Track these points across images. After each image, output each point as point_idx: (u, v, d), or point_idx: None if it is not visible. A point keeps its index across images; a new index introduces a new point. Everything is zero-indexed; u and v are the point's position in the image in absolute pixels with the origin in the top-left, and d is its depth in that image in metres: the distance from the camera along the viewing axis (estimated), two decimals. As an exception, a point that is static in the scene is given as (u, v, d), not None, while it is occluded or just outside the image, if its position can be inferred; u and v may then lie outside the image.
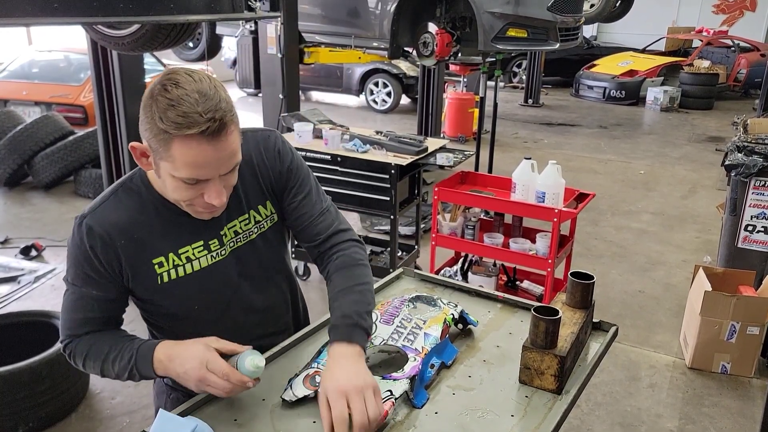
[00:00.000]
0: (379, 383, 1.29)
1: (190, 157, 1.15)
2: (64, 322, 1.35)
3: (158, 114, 1.12)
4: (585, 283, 1.53)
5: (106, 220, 1.29)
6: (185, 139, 1.13)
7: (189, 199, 1.24)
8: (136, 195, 1.33)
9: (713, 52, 13.23)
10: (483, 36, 5.17)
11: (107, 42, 3.35)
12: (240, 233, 1.39)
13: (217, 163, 1.18)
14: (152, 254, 1.31)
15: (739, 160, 3.76)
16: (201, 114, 1.12)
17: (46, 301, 4.12)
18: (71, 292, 1.33)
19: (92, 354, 1.32)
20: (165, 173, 1.20)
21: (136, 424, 3.01)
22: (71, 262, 1.31)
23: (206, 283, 1.37)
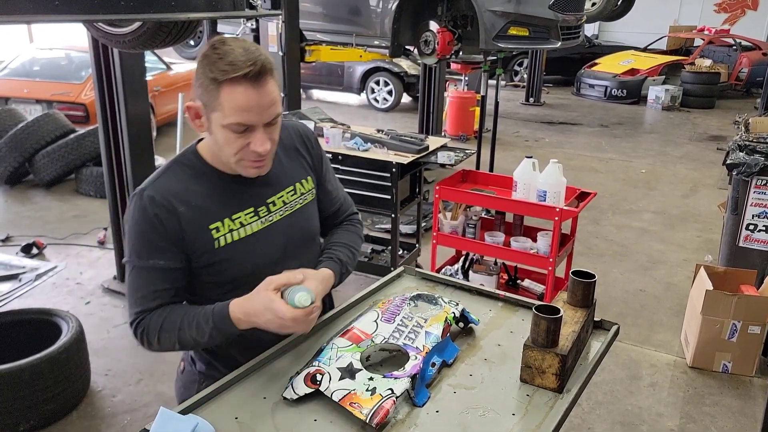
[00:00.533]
0: (381, 382, 1.29)
1: (237, 101, 1.29)
2: (133, 301, 1.41)
3: (208, 67, 1.30)
4: (586, 282, 1.53)
5: (166, 190, 1.40)
6: (232, 84, 1.28)
7: (238, 151, 1.36)
8: (189, 168, 1.45)
9: (715, 51, 13.21)
10: (484, 34, 5.16)
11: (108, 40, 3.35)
12: (286, 203, 1.53)
13: (260, 109, 1.32)
14: (209, 220, 1.42)
15: (740, 159, 3.76)
16: (244, 61, 1.28)
17: (47, 299, 4.13)
18: (137, 270, 1.40)
19: (166, 326, 1.38)
20: (216, 126, 1.34)
21: (137, 422, 3.02)
22: (134, 237, 1.39)
23: (257, 247, 1.47)
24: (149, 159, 4.20)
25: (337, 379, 1.30)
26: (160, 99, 8.11)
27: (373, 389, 1.27)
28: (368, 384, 1.28)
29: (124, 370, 3.44)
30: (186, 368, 1.63)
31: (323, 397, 1.28)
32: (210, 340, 1.37)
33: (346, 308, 1.67)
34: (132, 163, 4.02)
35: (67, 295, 4.23)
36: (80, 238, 5.17)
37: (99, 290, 4.31)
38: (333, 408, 1.27)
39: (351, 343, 1.41)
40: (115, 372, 3.42)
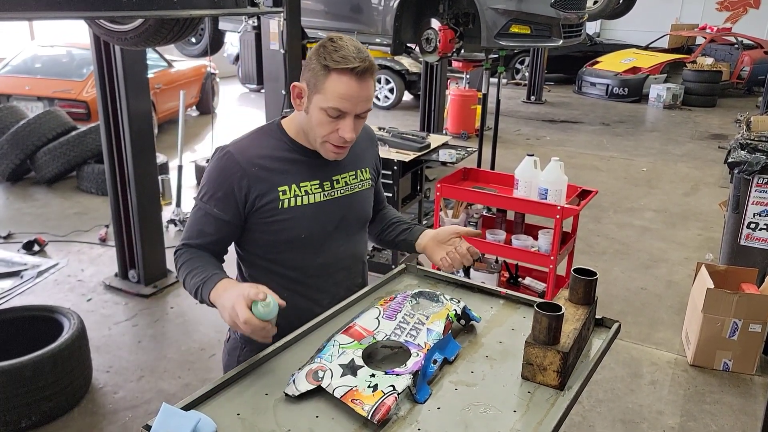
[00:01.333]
0: (382, 378, 1.29)
1: (340, 89, 1.46)
2: (185, 231, 1.63)
3: (323, 55, 1.46)
4: (588, 280, 1.53)
5: (246, 151, 1.58)
6: (340, 73, 1.46)
7: (327, 133, 1.53)
8: (271, 137, 1.63)
9: (716, 50, 13.19)
10: (486, 32, 5.16)
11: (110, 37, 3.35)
12: (349, 184, 1.70)
13: (357, 100, 1.49)
14: (279, 183, 1.58)
15: (742, 157, 3.75)
16: (355, 57, 1.46)
17: (49, 296, 4.13)
18: (197, 209, 1.61)
19: (186, 264, 1.58)
20: (315, 107, 1.51)
21: (138, 419, 3.02)
22: (206, 182, 1.59)
23: (316, 216, 1.63)
24: (150, 156, 4.20)
25: (338, 376, 1.30)
26: (161, 96, 8.11)
27: (375, 386, 1.27)
28: (370, 381, 1.28)
29: (126, 367, 3.45)
30: (231, 336, 1.77)
31: (325, 394, 1.29)
32: (195, 295, 1.53)
33: (347, 305, 1.67)
34: (133, 160, 4.02)
35: (69, 292, 4.24)
36: (81, 236, 5.17)
37: (100, 287, 4.32)
38: (335, 404, 1.27)
39: (353, 340, 1.42)
40: (117, 369, 3.43)
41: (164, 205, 5.35)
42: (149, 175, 4.20)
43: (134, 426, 2.99)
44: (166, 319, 3.95)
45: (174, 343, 3.69)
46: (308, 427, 1.22)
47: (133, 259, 4.26)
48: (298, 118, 1.61)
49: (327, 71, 1.47)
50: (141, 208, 4.13)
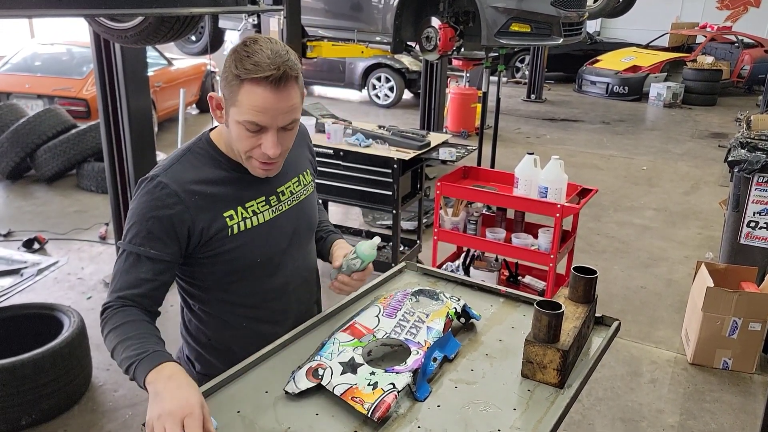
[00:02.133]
0: (382, 376, 1.29)
1: (254, 101, 1.31)
2: (114, 284, 1.39)
3: (235, 63, 1.31)
4: (588, 278, 1.54)
5: (180, 178, 1.40)
6: (252, 83, 1.30)
7: (249, 149, 1.38)
8: (203, 156, 1.46)
9: (717, 48, 13.18)
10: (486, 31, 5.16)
11: (110, 35, 3.35)
12: (294, 193, 1.58)
13: (275, 112, 1.33)
14: (223, 208, 1.43)
15: (742, 156, 3.75)
16: (269, 64, 1.29)
17: (49, 293, 4.13)
18: (127, 254, 1.38)
19: (119, 331, 1.33)
20: (232, 121, 1.36)
21: (138, 417, 3.02)
22: (136, 220, 1.38)
23: (268, 235, 1.50)
24: (151, 154, 4.20)
25: (338, 374, 1.30)
26: (161, 94, 8.11)
27: (375, 384, 1.27)
28: (370, 378, 1.29)
29: (126, 364, 3.45)
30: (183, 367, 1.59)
31: (325, 392, 1.29)
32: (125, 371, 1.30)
33: (347, 303, 1.67)
34: (133, 158, 4.02)
35: (69, 290, 4.24)
36: (81, 234, 5.17)
37: (100, 285, 4.32)
38: (335, 402, 1.28)
39: (353, 338, 1.42)
40: (117, 367, 3.41)
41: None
42: (149, 173, 4.19)
43: (134, 423, 2.99)
44: (165, 316, 3.91)
45: (174, 342, 3.65)
46: (308, 424, 1.22)
47: (133, 257, 4.25)
48: (225, 132, 1.44)
49: (239, 81, 1.31)
50: (141, 206, 4.12)
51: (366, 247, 1.54)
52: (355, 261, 1.55)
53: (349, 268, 1.56)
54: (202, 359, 1.60)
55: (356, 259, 1.55)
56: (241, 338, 1.53)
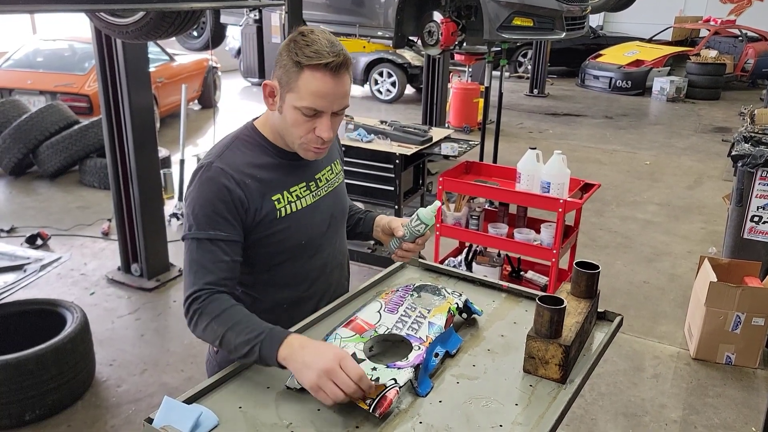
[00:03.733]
0: (384, 372, 1.29)
1: (314, 86, 1.38)
2: (194, 273, 1.41)
3: (295, 50, 1.38)
4: (590, 273, 1.53)
5: (233, 163, 1.46)
6: (313, 70, 1.37)
7: (304, 134, 1.45)
8: (251, 143, 1.52)
9: (721, 42, 13.13)
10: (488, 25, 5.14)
11: (111, 30, 3.35)
12: (329, 180, 1.65)
13: (333, 98, 1.41)
14: (271, 192, 1.49)
15: (745, 150, 3.74)
16: (329, 51, 1.37)
17: (52, 289, 4.14)
18: (199, 241, 1.42)
19: (222, 318, 1.36)
20: (288, 106, 1.42)
21: (141, 412, 3.03)
22: (200, 209, 1.42)
23: (311, 218, 1.57)
24: (153, 150, 4.20)
25: (340, 369, 1.30)
26: (163, 90, 8.10)
27: (377, 379, 1.27)
28: (371, 374, 1.28)
29: (129, 360, 3.46)
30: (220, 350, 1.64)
31: (327, 387, 1.29)
32: (245, 356, 1.32)
33: (349, 299, 1.67)
34: (135, 154, 4.02)
35: (72, 286, 4.25)
36: (84, 229, 5.18)
37: (103, 281, 4.33)
38: (336, 398, 1.27)
39: (354, 334, 1.42)
40: (120, 362, 3.44)
41: (166, 199, 5.36)
42: (151, 169, 4.20)
43: (137, 419, 3.00)
44: (168, 312, 3.96)
45: (177, 337, 3.70)
46: (310, 420, 1.22)
47: (136, 253, 4.26)
48: (272, 119, 1.51)
49: (299, 68, 1.38)
50: (143, 202, 4.13)
51: (427, 211, 1.58)
52: (419, 227, 1.59)
53: (412, 234, 1.61)
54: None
55: (420, 224, 1.59)
56: (282, 321, 1.53)
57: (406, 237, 1.62)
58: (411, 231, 1.61)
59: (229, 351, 1.34)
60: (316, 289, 1.64)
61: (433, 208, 1.59)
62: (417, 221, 1.59)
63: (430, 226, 1.60)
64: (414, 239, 1.62)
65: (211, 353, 1.73)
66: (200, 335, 1.40)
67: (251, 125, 1.56)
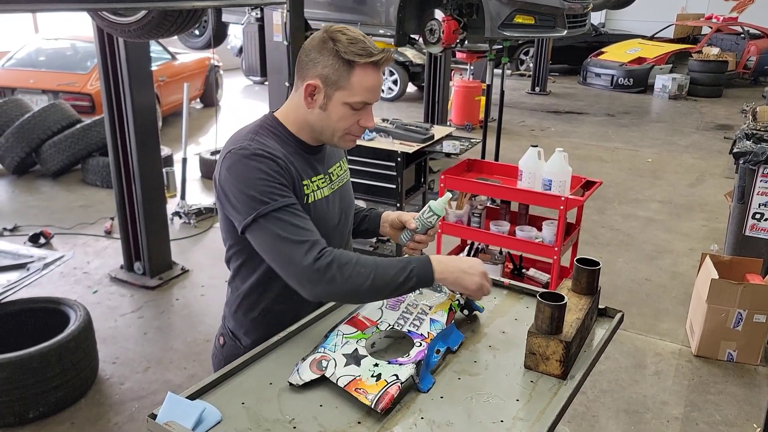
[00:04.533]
0: (385, 368, 1.30)
1: (367, 82, 1.45)
2: (291, 245, 1.38)
3: (342, 49, 1.42)
4: (590, 269, 1.54)
5: (268, 146, 1.48)
6: (365, 67, 1.44)
7: (350, 126, 1.51)
8: (274, 134, 1.54)
9: (723, 39, 13.11)
10: (490, 23, 5.14)
11: (113, 29, 3.35)
12: (339, 176, 1.69)
13: (378, 90, 1.50)
14: (300, 177, 1.52)
15: (747, 147, 3.74)
16: (373, 49, 1.44)
17: (55, 288, 4.16)
18: (273, 218, 1.39)
19: (362, 261, 1.40)
20: (337, 103, 1.47)
21: (145, 410, 3.04)
22: (257, 183, 1.40)
23: (328, 209, 1.60)
24: (155, 149, 4.21)
25: (342, 366, 1.31)
26: (165, 89, 8.11)
27: (378, 375, 1.28)
28: (373, 370, 1.29)
29: (132, 358, 3.47)
30: (227, 342, 1.70)
31: (329, 383, 1.30)
32: (404, 282, 1.39)
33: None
34: (138, 153, 4.03)
35: (75, 284, 4.27)
36: (87, 228, 5.20)
37: (106, 279, 4.34)
38: (338, 394, 1.28)
39: (356, 330, 1.43)
40: (123, 360, 3.45)
41: (169, 197, 5.37)
42: (154, 168, 4.21)
43: (140, 416, 3.01)
44: (171, 310, 3.97)
45: (179, 335, 3.71)
46: (312, 415, 1.23)
47: (139, 251, 4.28)
48: (302, 115, 1.52)
49: (350, 66, 1.42)
50: (146, 201, 4.14)
51: (439, 203, 1.62)
52: (431, 218, 1.63)
53: (424, 226, 1.64)
54: (251, 334, 1.65)
55: (432, 215, 1.62)
56: (293, 310, 1.59)
57: (418, 229, 1.65)
58: (423, 223, 1.64)
59: (383, 285, 1.38)
60: None
61: (444, 199, 1.63)
62: (429, 212, 1.63)
63: (440, 218, 1.64)
64: (426, 231, 1.65)
65: (217, 347, 1.75)
66: (344, 284, 1.37)
67: (273, 116, 1.58)
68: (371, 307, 1.52)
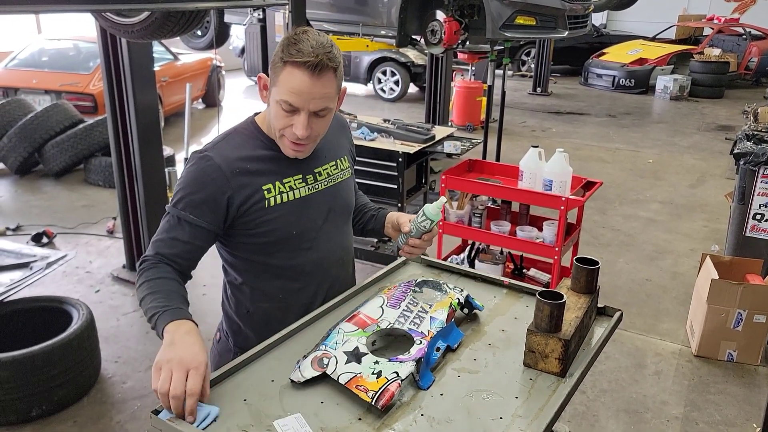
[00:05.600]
0: (386, 365, 1.31)
1: (291, 82, 1.44)
2: (154, 241, 1.53)
3: (282, 47, 1.45)
4: (589, 268, 1.55)
5: (225, 154, 1.53)
6: (293, 66, 1.43)
7: (283, 128, 1.51)
8: (247, 135, 1.60)
9: (724, 40, 13.10)
10: (491, 24, 5.15)
11: (116, 30, 3.37)
12: (331, 175, 1.68)
13: (309, 96, 1.45)
14: (262, 182, 1.54)
15: (748, 148, 3.75)
16: (311, 52, 1.42)
17: (58, 287, 4.18)
18: (171, 216, 1.52)
19: (151, 282, 1.46)
20: (272, 100, 1.50)
21: (147, 408, 3.06)
22: (183, 188, 1.52)
23: (304, 210, 1.60)
24: (157, 149, 4.23)
25: (343, 363, 1.32)
26: (167, 89, 8.14)
27: (379, 372, 1.29)
28: (374, 367, 1.30)
29: (134, 357, 3.49)
30: (222, 338, 1.77)
31: (330, 380, 1.31)
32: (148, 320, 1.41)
33: (352, 294, 1.69)
34: (140, 153, 4.05)
35: (77, 284, 4.28)
36: (89, 228, 5.21)
37: (108, 279, 4.36)
38: (339, 391, 1.30)
39: (357, 328, 1.44)
40: (125, 359, 3.47)
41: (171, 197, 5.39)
42: (156, 168, 4.23)
43: (143, 415, 3.03)
44: (173, 310, 3.98)
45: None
46: (313, 412, 1.25)
47: (141, 250, 4.29)
48: (267, 112, 1.58)
49: (282, 63, 1.45)
50: (148, 201, 4.16)
51: (433, 207, 1.61)
52: (424, 222, 1.62)
53: (418, 230, 1.64)
54: (240, 333, 1.70)
55: (426, 220, 1.62)
56: (278, 310, 1.63)
57: (412, 233, 1.65)
58: (417, 227, 1.63)
59: (144, 310, 1.43)
60: (311, 283, 1.66)
61: (438, 204, 1.62)
62: (423, 217, 1.62)
63: (435, 222, 1.63)
64: (420, 235, 1.64)
65: (214, 342, 1.79)
66: (137, 294, 1.48)
67: (251, 119, 1.63)
68: (372, 306, 1.53)
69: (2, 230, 5.08)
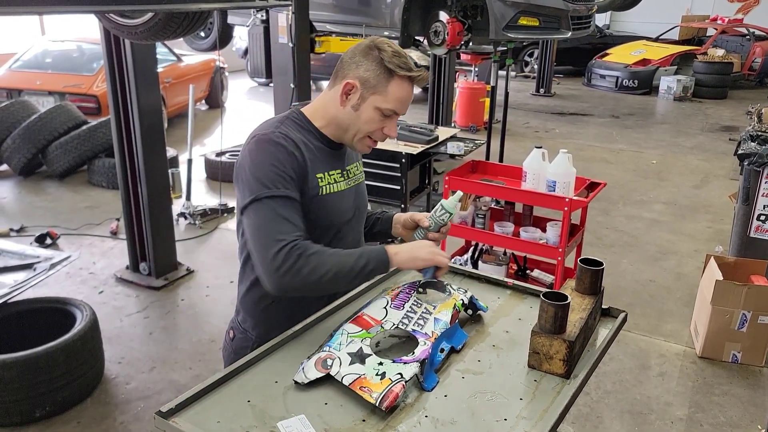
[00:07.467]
0: (390, 366, 1.31)
1: (401, 93, 1.56)
2: (268, 233, 1.46)
3: (386, 58, 1.53)
4: (594, 269, 1.54)
5: (288, 136, 1.56)
6: (403, 79, 1.54)
7: (374, 130, 1.60)
8: (299, 126, 1.62)
9: (728, 41, 13.07)
10: (494, 24, 5.15)
11: (120, 31, 3.38)
12: (356, 175, 1.75)
13: (407, 104, 1.60)
14: (316, 169, 1.59)
15: (752, 149, 3.74)
16: (414, 66, 1.56)
17: (61, 288, 4.18)
18: (266, 204, 1.48)
19: (327, 254, 1.48)
20: (369, 106, 1.56)
21: (150, 409, 3.06)
22: (267, 169, 1.49)
23: (342, 203, 1.67)
24: (161, 150, 4.23)
25: (347, 364, 1.32)
26: (170, 90, 8.15)
27: (383, 374, 1.29)
28: (378, 369, 1.30)
29: (137, 358, 3.49)
30: (237, 336, 1.75)
31: (334, 381, 1.31)
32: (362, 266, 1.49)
33: (356, 295, 1.69)
34: (144, 154, 4.05)
35: (81, 285, 4.29)
36: (93, 229, 5.22)
37: (112, 280, 4.36)
38: (343, 392, 1.29)
39: (361, 329, 1.44)
40: (129, 360, 3.47)
41: (174, 198, 5.39)
42: (159, 169, 4.23)
43: (146, 416, 3.03)
44: (176, 311, 3.99)
45: (185, 335, 3.73)
46: (317, 413, 1.24)
47: (144, 251, 4.30)
48: (332, 112, 1.61)
49: (390, 75, 1.53)
50: (151, 202, 4.16)
51: (451, 200, 1.67)
52: (443, 216, 1.67)
53: (437, 224, 1.68)
54: (261, 326, 1.69)
55: (444, 213, 1.66)
56: (295, 302, 1.63)
57: (431, 227, 1.68)
58: (435, 221, 1.67)
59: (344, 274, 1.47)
60: None
61: (455, 198, 1.67)
62: (442, 210, 1.67)
63: (452, 216, 1.68)
64: (438, 228, 1.69)
65: (227, 341, 1.78)
66: (308, 275, 1.44)
67: (297, 110, 1.67)
68: (376, 307, 1.53)
69: (6, 231, 5.09)
